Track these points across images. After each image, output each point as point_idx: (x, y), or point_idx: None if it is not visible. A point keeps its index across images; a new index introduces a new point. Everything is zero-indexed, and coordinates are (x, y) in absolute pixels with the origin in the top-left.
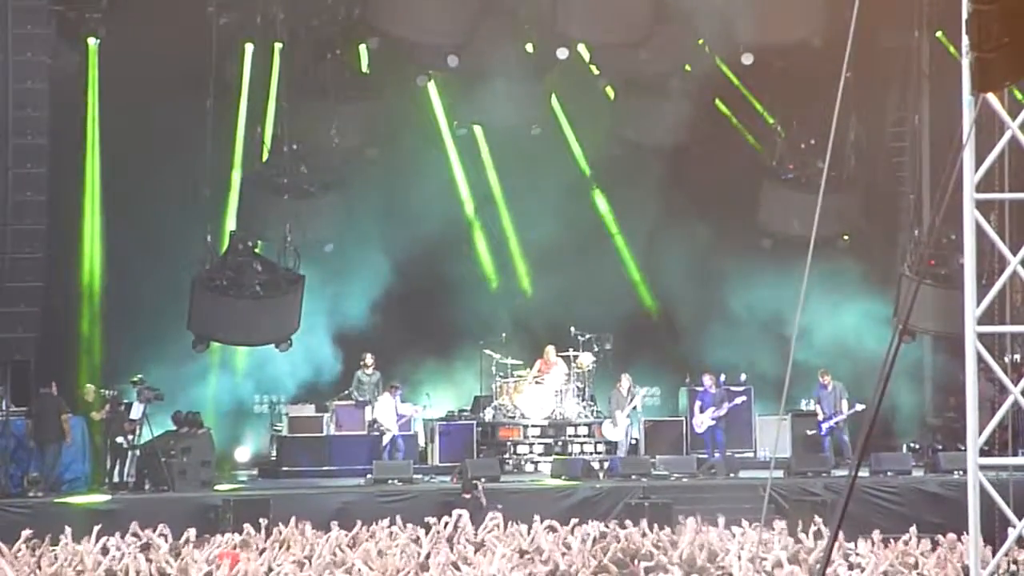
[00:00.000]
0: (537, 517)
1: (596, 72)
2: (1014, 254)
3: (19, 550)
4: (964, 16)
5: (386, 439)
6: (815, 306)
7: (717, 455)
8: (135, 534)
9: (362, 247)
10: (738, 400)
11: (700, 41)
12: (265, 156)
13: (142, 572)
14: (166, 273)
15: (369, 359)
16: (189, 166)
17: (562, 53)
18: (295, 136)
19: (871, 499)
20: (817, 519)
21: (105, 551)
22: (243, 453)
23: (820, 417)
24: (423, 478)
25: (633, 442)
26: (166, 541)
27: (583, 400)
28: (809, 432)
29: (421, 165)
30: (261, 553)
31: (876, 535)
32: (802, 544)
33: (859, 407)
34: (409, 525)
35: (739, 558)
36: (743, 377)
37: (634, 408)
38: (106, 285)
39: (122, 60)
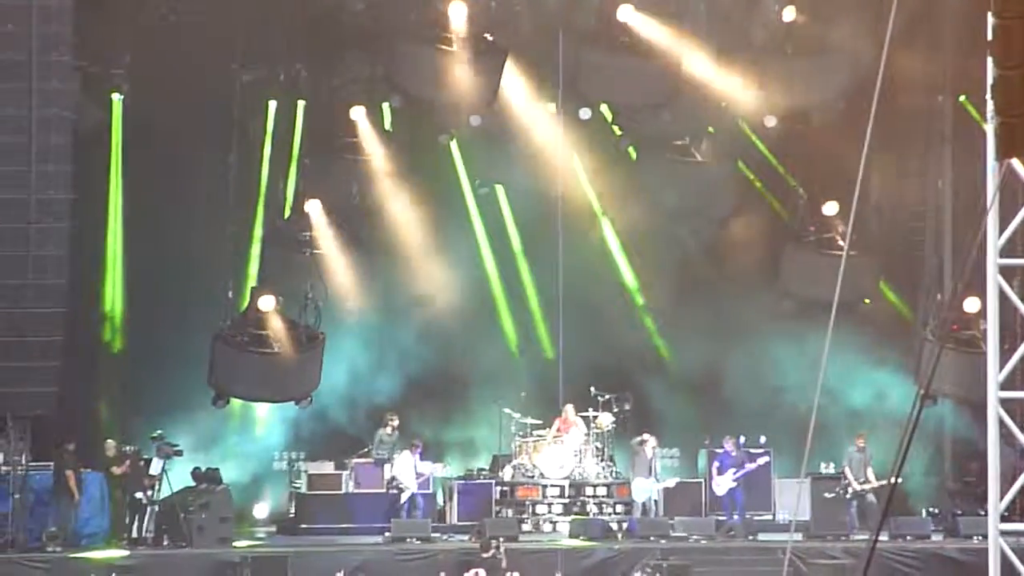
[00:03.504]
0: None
1: (619, 132)
2: None
3: None
4: (989, 81)
5: (404, 497)
6: (836, 369)
7: (736, 517)
8: None
9: (383, 304)
10: (758, 462)
11: (723, 103)
12: (287, 212)
13: None
14: (187, 329)
15: (395, 419)
16: (211, 222)
17: (584, 113)
18: (317, 193)
19: (890, 564)
20: None
21: None
22: (262, 510)
23: (848, 480)
24: (441, 537)
25: (655, 502)
26: None
27: (602, 460)
28: (827, 495)
29: (443, 223)
30: None
31: None
32: None
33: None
34: None
35: None
36: (763, 439)
37: (657, 478)
38: (127, 340)
39: (146, 115)
